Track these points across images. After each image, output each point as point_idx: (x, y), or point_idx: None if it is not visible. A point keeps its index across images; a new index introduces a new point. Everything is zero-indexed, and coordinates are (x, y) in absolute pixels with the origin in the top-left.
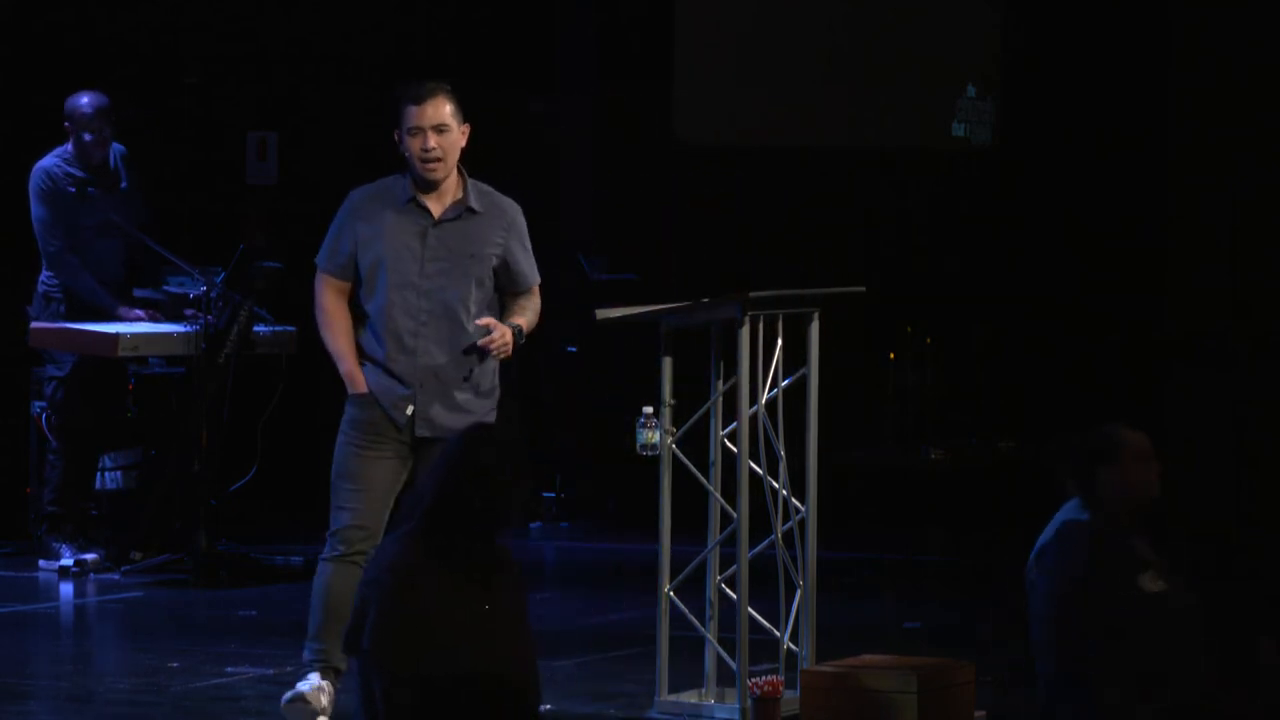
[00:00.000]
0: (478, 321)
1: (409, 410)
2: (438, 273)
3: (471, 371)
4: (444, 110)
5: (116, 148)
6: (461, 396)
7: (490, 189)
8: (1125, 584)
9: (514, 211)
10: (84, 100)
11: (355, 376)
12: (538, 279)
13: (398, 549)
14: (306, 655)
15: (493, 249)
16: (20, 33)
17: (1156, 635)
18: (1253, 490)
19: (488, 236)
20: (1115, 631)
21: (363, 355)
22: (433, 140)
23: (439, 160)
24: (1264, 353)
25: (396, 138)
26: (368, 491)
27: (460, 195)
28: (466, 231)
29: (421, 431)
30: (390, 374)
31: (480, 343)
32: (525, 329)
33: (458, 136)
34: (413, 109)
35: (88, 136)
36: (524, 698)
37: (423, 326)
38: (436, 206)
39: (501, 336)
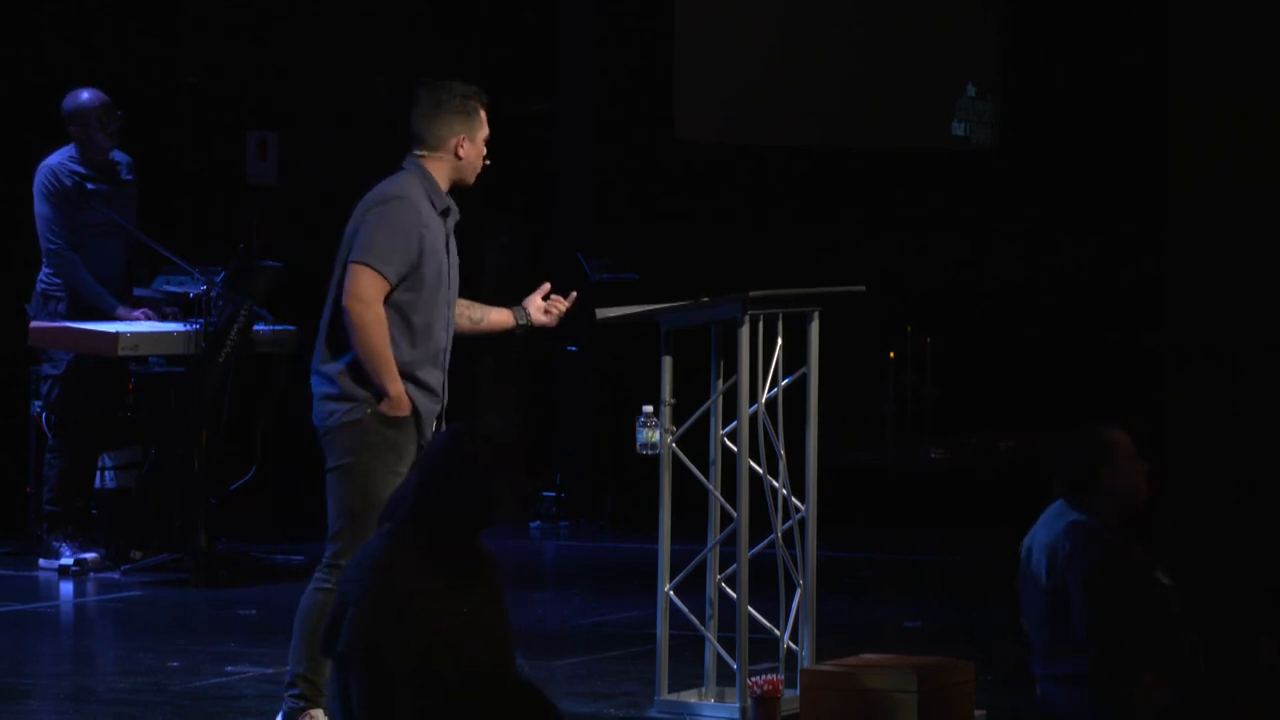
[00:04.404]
0: (544, 289)
1: (434, 426)
2: (453, 283)
3: None
4: None
5: (121, 156)
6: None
7: None
8: (1144, 579)
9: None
10: (85, 96)
11: (405, 398)
12: None
13: (380, 548)
14: (302, 692)
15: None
16: (20, 32)
17: (1167, 629)
18: (1252, 490)
19: (455, 242)
20: (1137, 626)
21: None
22: None
23: None
24: (1264, 352)
25: (458, 142)
26: None
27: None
28: (455, 236)
29: None
30: (425, 388)
31: (559, 301)
32: None
33: None
34: (484, 115)
35: (101, 136)
36: (512, 698)
37: (448, 340)
38: (451, 211)
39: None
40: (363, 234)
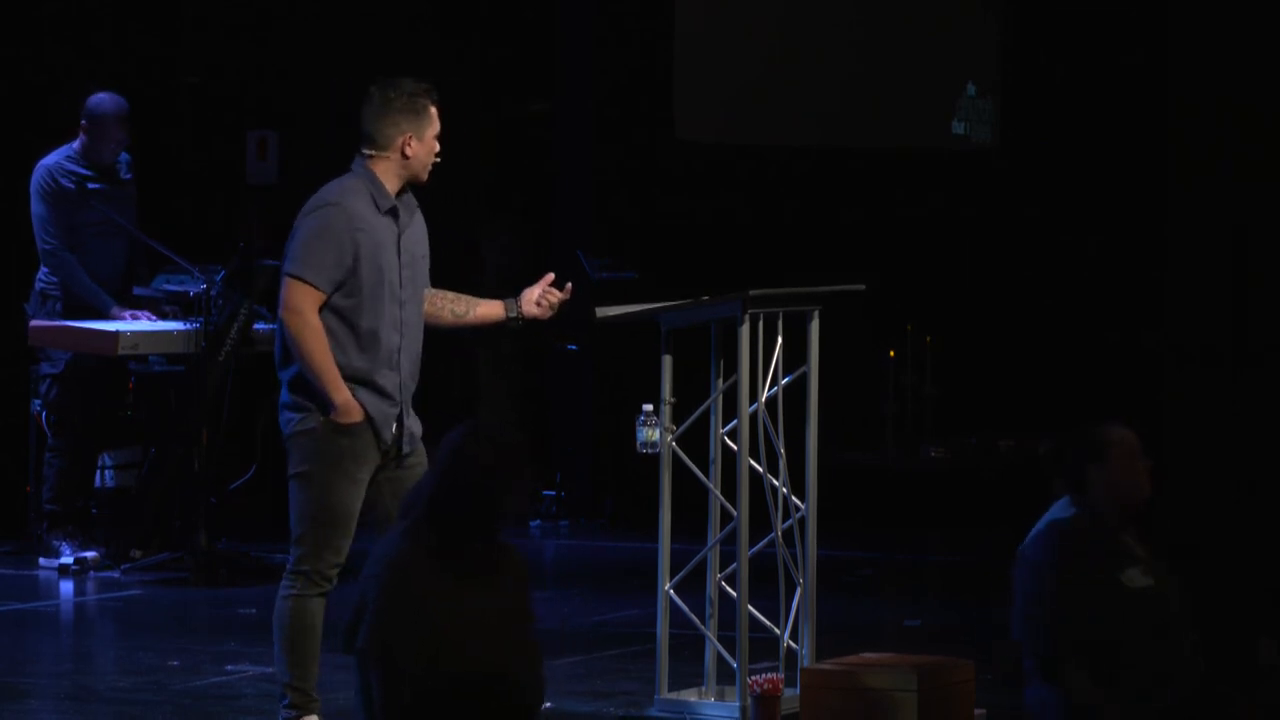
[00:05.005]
0: (546, 280)
1: (394, 428)
2: (408, 281)
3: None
4: None
5: (121, 155)
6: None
7: None
8: (1105, 579)
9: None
10: (109, 106)
11: (353, 406)
12: None
13: (397, 545)
14: (292, 702)
15: (428, 246)
16: (20, 32)
17: (1139, 631)
18: (1252, 490)
19: (424, 234)
20: (1089, 627)
21: (344, 374)
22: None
23: None
24: (1264, 352)
25: (404, 141)
26: (353, 525)
27: (400, 195)
28: (418, 234)
29: (406, 447)
30: (379, 391)
31: (553, 293)
32: None
33: None
34: (434, 111)
35: (112, 145)
36: (524, 695)
37: (403, 340)
38: (400, 210)
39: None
40: (293, 245)
